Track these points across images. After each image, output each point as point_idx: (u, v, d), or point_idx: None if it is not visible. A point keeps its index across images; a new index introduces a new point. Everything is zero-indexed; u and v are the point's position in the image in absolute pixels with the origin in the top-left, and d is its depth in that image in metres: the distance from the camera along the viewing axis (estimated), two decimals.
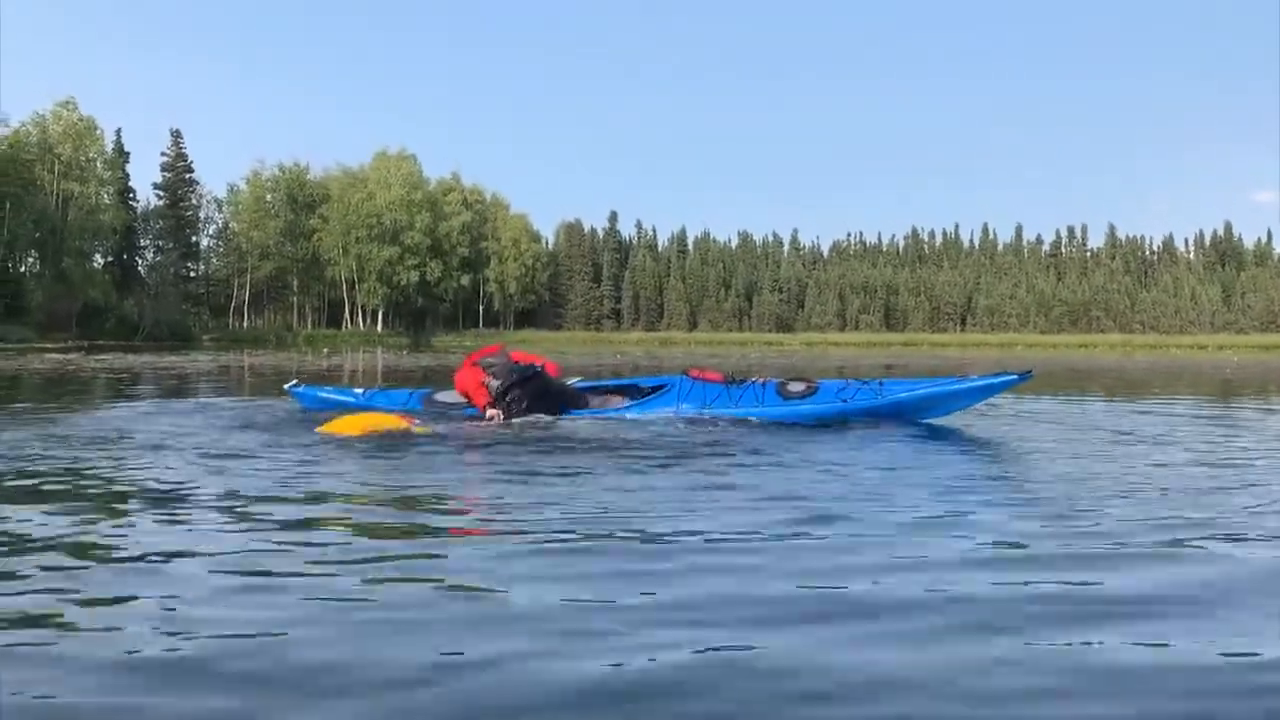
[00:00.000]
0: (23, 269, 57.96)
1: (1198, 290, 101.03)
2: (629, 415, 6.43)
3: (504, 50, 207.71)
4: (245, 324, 77.66)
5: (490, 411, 6.32)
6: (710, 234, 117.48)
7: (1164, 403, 9.60)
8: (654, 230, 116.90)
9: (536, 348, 10.70)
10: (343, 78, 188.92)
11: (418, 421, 6.15)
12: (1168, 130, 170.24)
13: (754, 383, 6.50)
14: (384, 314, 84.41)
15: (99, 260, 64.11)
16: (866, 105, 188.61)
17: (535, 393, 6.44)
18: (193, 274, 78.40)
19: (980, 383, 6.30)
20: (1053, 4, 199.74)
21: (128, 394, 10.37)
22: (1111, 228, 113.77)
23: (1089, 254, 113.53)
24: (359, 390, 7.39)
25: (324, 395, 7.34)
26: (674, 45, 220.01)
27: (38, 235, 55.87)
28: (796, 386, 6.40)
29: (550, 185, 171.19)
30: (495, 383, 6.35)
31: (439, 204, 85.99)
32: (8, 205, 52.62)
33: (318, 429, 5.78)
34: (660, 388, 6.74)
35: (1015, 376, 6.20)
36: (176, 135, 75.81)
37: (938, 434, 6.06)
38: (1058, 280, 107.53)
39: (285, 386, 7.65)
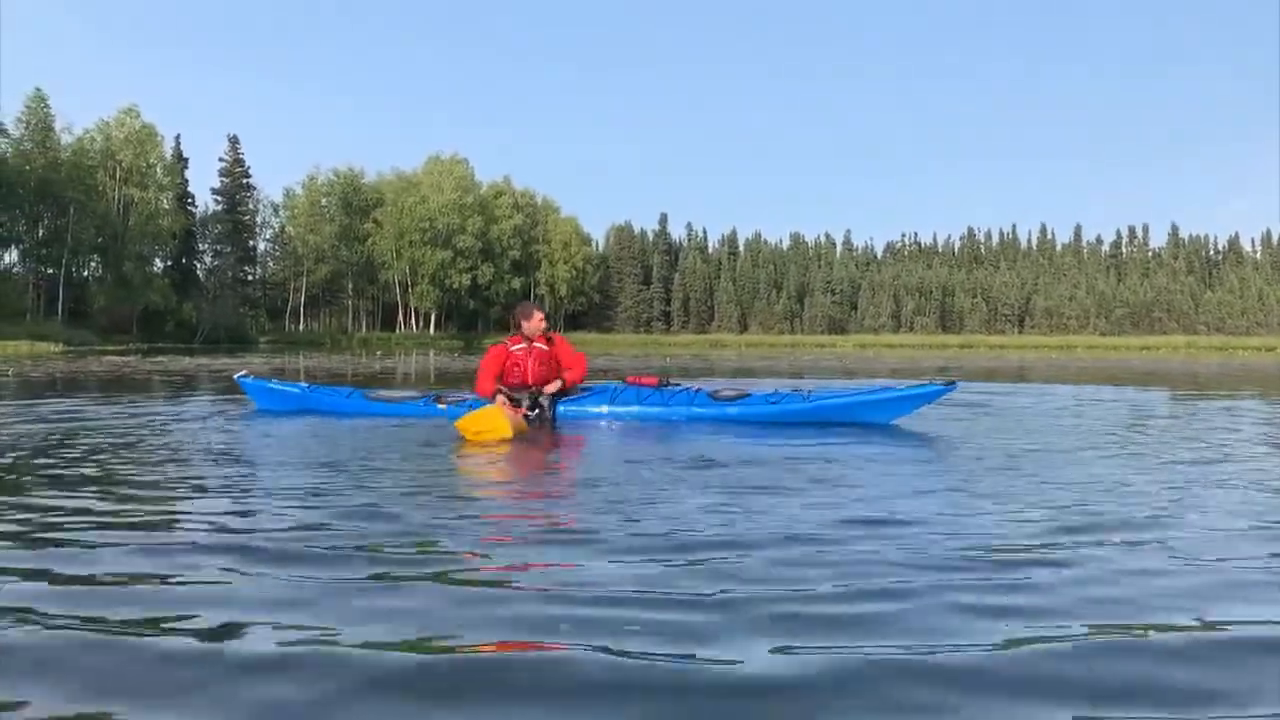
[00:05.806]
0: (85, 273, 59.38)
1: (1265, 290, 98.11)
2: (559, 409, 6.72)
3: (554, 55, 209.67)
4: (301, 326, 78.83)
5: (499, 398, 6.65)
6: (761, 235, 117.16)
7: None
8: (704, 232, 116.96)
9: (588, 349, 10.62)
10: (396, 85, 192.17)
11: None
12: (1231, 128, 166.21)
13: (687, 388, 6.86)
14: (437, 317, 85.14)
15: (159, 264, 65.38)
16: (922, 104, 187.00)
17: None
18: (250, 277, 79.81)
19: (904, 393, 6.50)
20: (1114, 2, 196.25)
21: (165, 396, 10.33)
22: (1174, 227, 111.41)
23: (1151, 254, 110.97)
24: (304, 384, 7.84)
25: (271, 387, 7.77)
26: (724, 47, 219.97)
27: (100, 240, 57.24)
28: (728, 393, 6.79)
29: (600, 188, 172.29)
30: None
31: (490, 207, 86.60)
32: (71, 211, 53.92)
33: (455, 423, 5.79)
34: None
35: (941, 387, 6.52)
36: (234, 141, 77.30)
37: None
38: (1118, 281, 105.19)
39: (235, 377, 8.16)
